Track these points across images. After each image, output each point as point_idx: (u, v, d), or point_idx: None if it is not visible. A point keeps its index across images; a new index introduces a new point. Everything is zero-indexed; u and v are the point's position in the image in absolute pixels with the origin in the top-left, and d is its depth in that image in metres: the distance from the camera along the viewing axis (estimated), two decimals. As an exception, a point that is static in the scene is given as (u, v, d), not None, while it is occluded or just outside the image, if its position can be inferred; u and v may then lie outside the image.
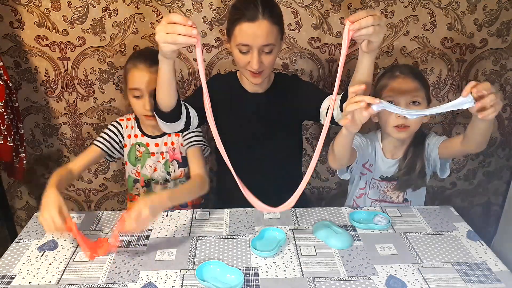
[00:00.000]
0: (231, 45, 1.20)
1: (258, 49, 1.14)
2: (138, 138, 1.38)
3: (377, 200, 1.36)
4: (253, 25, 1.11)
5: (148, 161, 1.38)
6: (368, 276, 0.99)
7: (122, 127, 1.39)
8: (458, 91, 1.70)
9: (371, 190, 1.36)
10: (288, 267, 1.02)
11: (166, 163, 1.38)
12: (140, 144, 1.38)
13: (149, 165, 1.38)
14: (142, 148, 1.38)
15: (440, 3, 1.53)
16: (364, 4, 1.52)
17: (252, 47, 1.14)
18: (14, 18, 1.50)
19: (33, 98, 1.64)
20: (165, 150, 1.38)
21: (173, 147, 1.37)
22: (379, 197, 1.36)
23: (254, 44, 1.13)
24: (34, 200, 1.84)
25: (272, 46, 1.16)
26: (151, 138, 1.37)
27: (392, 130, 1.23)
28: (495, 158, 1.85)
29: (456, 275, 1.00)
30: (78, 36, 1.53)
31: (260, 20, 1.11)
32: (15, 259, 1.05)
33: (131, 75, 1.25)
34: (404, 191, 1.33)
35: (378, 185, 1.34)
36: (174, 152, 1.37)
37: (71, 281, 0.98)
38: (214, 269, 1.00)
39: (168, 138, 1.38)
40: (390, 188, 1.34)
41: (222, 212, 1.27)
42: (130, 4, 1.49)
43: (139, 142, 1.38)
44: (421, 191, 1.36)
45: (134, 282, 0.97)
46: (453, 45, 1.61)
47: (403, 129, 1.21)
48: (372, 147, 1.33)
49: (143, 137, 1.37)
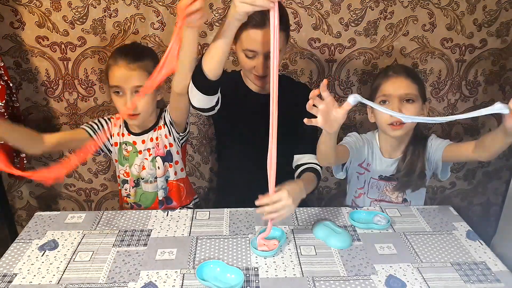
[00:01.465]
0: (237, 48, 1.20)
1: (264, 55, 1.14)
2: (125, 137, 1.35)
3: (376, 200, 1.37)
4: (260, 31, 1.11)
5: (136, 160, 1.34)
6: (368, 275, 1.00)
7: (111, 124, 1.34)
8: (458, 91, 1.70)
9: (370, 189, 1.36)
10: (288, 266, 1.03)
11: (153, 160, 1.35)
12: (127, 143, 1.34)
13: (137, 164, 1.35)
14: (129, 147, 1.34)
15: (439, 3, 1.54)
16: (364, 5, 1.52)
17: (258, 53, 1.14)
18: (14, 19, 1.50)
19: (33, 98, 1.64)
20: (151, 146, 1.33)
21: (157, 142, 1.33)
22: (378, 196, 1.36)
23: (260, 51, 1.14)
24: (34, 200, 1.85)
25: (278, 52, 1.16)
26: (137, 135, 1.33)
27: (387, 128, 1.23)
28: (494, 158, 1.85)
29: (456, 275, 1.00)
30: (79, 37, 1.54)
31: (267, 26, 1.08)
32: (16, 258, 1.05)
33: (112, 72, 1.21)
34: (404, 192, 1.34)
35: (377, 184, 1.35)
36: (158, 148, 1.34)
37: (72, 281, 0.98)
38: (214, 269, 1.01)
39: (154, 133, 1.33)
40: (389, 188, 1.34)
41: (222, 212, 1.27)
42: (131, 4, 1.49)
43: (126, 141, 1.34)
44: (421, 191, 1.36)
45: (135, 281, 0.98)
46: (452, 45, 1.61)
47: (398, 126, 1.20)
48: (369, 147, 1.33)
49: (129, 135, 1.34)
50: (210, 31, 1.54)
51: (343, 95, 1.68)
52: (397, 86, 1.20)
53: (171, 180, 1.38)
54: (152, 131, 1.34)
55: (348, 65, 1.63)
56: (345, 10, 1.53)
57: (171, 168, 1.37)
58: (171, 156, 1.36)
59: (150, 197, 1.39)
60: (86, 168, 1.78)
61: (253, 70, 1.18)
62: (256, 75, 1.20)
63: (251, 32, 1.12)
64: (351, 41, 1.58)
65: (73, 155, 1.00)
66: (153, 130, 1.34)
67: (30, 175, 1.01)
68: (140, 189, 1.39)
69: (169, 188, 1.39)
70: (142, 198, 1.40)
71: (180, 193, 1.42)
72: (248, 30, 1.12)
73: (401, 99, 1.20)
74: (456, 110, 1.73)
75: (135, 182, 1.38)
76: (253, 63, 1.17)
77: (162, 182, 1.37)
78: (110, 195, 1.85)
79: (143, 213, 1.26)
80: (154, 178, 1.37)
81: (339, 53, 1.60)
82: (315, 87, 1.65)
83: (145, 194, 1.39)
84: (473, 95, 1.71)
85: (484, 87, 1.70)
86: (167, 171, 1.37)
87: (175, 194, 1.40)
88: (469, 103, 1.72)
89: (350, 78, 1.65)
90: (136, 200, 1.40)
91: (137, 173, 1.36)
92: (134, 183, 1.38)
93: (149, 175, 1.36)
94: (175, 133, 1.33)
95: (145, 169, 1.35)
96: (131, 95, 1.21)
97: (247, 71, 1.22)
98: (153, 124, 1.34)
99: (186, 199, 1.45)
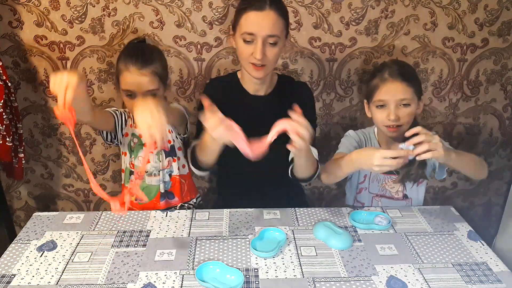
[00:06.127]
0: (236, 37, 1.20)
1: (262, 39, 1.14)
2: (133, 129, 1.38)
3: (378, 195, 1.36)
4: (259, 13, 1.13)
5: (140, 152, 1.38)
6: (369, 276, 0.99)
7: (126, 115, 1.38)
8: (459, 91, 1.69)
9: (371, 183, 1.36)
10: (288, 267, 1.02)
11: (158, 154, 1.38)
12: (134, 135, 1.38)
13: (141, 156, 1.38)
14: (136, 139, 1.38)
15: (441, 2, 1.53)
16: (365, 3, 1.51)
17: (257, 36, 1.14)
18: (13, 18, 1.49)
19: (32, 98, 1.63)
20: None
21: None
22: (379, 191, 1.36)
23: (259, 33, 1.14)
24: (33, 200, 1.84)
25: (277, 38, 1.16)
26: None
27: (383, 128, 1.27)
28: (496, 158, 1.84)
29: (457, 276, 1.00)
30: (77, 36, 1.53)
31: (267, 10, 1.13)
32: (14, 259, 1.05)
33: (123, 77, 1.25)
34: (404, 184, 1.34)
35: (377, 177, 1.35)
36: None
37: (70, 282, 0.97)
38: (213, 270, 1.00)
39: None
40: (390, 181, 1.34)
41: (222, 212, 1.26)
42: (130, 3, 1.49)
43: (133, 132, 1.38)
44: (421, 188, 1.37)
45: (134, 282, 0.97)
46: (454, 44, 1.61)
47: (394, 128, 1.24)
48: (368, 141, 1.36)
49: (136, 128, 1.37)
50: (210, 30, 1.54)
51: (344, 94, 1.67)
52: (394, 92, 1.22)
53: (174, 175, 1.41)
54: None
55: (348, 64, 1.62)
56: (346, 9, 1.52)
57: (174, 163, 1.40)
58: (174, 152, 1.39)
59: (153, 190, 1.41)
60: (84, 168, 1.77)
61: (251, 57, 1.17)
62: (254, 65, 1.19)
63: (251, 14, 1.14)
64: (352, 40, 1.58)
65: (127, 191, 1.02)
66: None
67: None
68: (143, 182, 1.41)
69: (172, 182, 1.42)
70: (144, 191, 1.42)
71: (182, 189, 1.44)
72: (248, 13, 1.15)
73: (397, 104, 1.22)
74: (458, 110, 1.72)
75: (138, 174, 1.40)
76: (251, 48, 1.16)
77: (165, 175, 1.39)
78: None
79: (142, 214, 1.25)
80: (158, 172, 1.39)
81: (339, 52, 1.59)
82: (315, 87, 1.65)
83: (148, 188, 1.41)
84: (475, 94, 1.71)
85: (486, 87, 1.69)
86: (171, 165, 1.40)
87: (177, 189, 1.43)
88: (471, 102, 1.72)
89: (351, 77, 1.65)
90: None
91: (140, 165, 1.39)
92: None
93: (153, 167, 1.39)
94: (176, 133, 1.37)
95: (149, 162, 1.38)
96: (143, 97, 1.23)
97: (245, 60, 1.21)
98: None
99: (187, 196, 1.47)
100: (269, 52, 1.16)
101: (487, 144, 1.81)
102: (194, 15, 1.51)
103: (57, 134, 1.70)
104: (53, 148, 1.73)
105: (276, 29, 1.14)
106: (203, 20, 1.52)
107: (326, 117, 1.71)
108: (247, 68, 1.23)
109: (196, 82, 1.63)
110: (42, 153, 1.74)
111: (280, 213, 1.25)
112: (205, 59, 1.59)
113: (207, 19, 1.52)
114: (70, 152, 1.74)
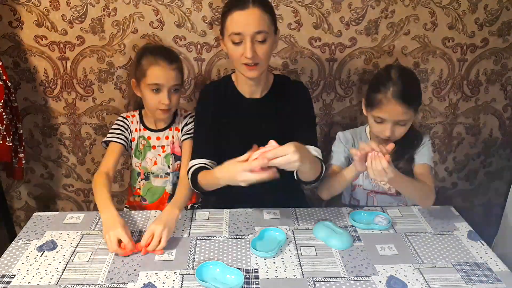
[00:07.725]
0: (225, 40, 1.20)
1: (250, 37, 1.14)
2: (141, 132, 1.41)
3: (372, 191, 1.37)
4: (243, 12, 1.13)
5: (148, 154, 1.41)
6: (369, 276, 0.99)
7: (129, 122, 1.42)
8: (459, 91, 1.69)
9: (364, 180, 1.36)
10: (288, 267, 1.02)
11: (167, 157, 1.40)
12: (142, 137, 1.41)
13: (149, 158, 1.41)
14: (144, 141, 1.41)
15: (441, 2, 1.53)
16: (365, 3, 1.51)
17: (244, 35, 1.14)
18: (13, 18, 1.49)
19: (32, 98, 1.63)
20: (166, 143, 1.40)
21: (173, 141, 1.40)
22: (372, 187, 1.36)
23: (246, 32, 1.13)
24: (33, 200, 1.84)
25: (265, 34, 1.15)
26: (154, 132, 1.41)
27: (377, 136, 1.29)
28: (496, 158, 1.84)
29: (457, 276, 1.00)
30: (77, 36, 1.53)
31: (250, 8, 1.13)
32: (14, 259, 1.05)
33: (152, 71, 1.28)
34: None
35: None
36: (173, 146, 1.40)
37: (70, 282, 0.97)
38: (213, 270, 1.00)
39: (169, 132, 1.41)
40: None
41: (221, 212, 1.26)
42: (130, 3, 1.49)
43: (141, 135, 1.41)
44: None
45: (134, 282, 0.97)
46: (454, 44, 1.61)
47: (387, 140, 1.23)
48: (358, 141, 1.36)
49: (145, 130, 1.41)
50: (210, 30, 1.54)
51: (344, 94, 1.67)
52: (395, 114, 1.21)
53: None
54: (168, 129, 1.41)
55: (349, 65, 1.62)
56: (346, 9, 1.52)
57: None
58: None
59: (158, 192, 1.43)
60: (84, 168, 1.77)
61: (242, 57, 1.16)
62: (246, 65, 1.18)
63: (235, 14, 1.14)
64: (352, 40, 1.58)
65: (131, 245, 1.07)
66: (169, 129, 1.41)
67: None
68: (148, 183, 1.43)
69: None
70: (148, 192, 1.44)
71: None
72: (232, 14, 1.14)
73: (395, 123, 1.22)
74: (458, 110, 1.72)
75: (145, 175, 1.43)
76: (240, 49, 1.16)
77: (173, 177, 1.42)
78: (109, 195, 1.83)
79: (142, 214, 1.26)
80: (165, 174, 1.42)
81: (339, 52, 1.59)
82: (315, 87, 1.65)
83: (153, 189, 1.43)
84: (475, 94, 1.71)
85: (486, 87, 1.69)
86: (180, 168, 1.41)
87: None
88: (471, 102, 1.72)
89: (351, 77, 1.64)
90: (142, 194, 1.45)
91: (148, 167, 1.42)
92: (144, 176, 1.43)
93: (160, 169, 1.42)
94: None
95: (156, 164, 1.41)
96: (168, 92, 1.29)
97: (237, 62, 1.20)
98: (170, 122, 1.41)
99: (193, 198, 1.48)
100: (259, 49, 1.16)
101: (487, 144, 1.81)
102: (194, 15, 1.51)
103: (57, 134, 1.70)
104: (53, 148, 1.73)
105: (262, 25, 1.14)
106: (203, 20, 1.52)
107: (326, 117, 1.71)
108: (240, 70, 1.23)
109: (196, 82, 1.63)
110: (42, 153, 1.74)
111: (280, 213, 1.25)
112: (205, 59, 1.59)
113: (207, 19, 1.52)
114: (70, 152, 1.74)
